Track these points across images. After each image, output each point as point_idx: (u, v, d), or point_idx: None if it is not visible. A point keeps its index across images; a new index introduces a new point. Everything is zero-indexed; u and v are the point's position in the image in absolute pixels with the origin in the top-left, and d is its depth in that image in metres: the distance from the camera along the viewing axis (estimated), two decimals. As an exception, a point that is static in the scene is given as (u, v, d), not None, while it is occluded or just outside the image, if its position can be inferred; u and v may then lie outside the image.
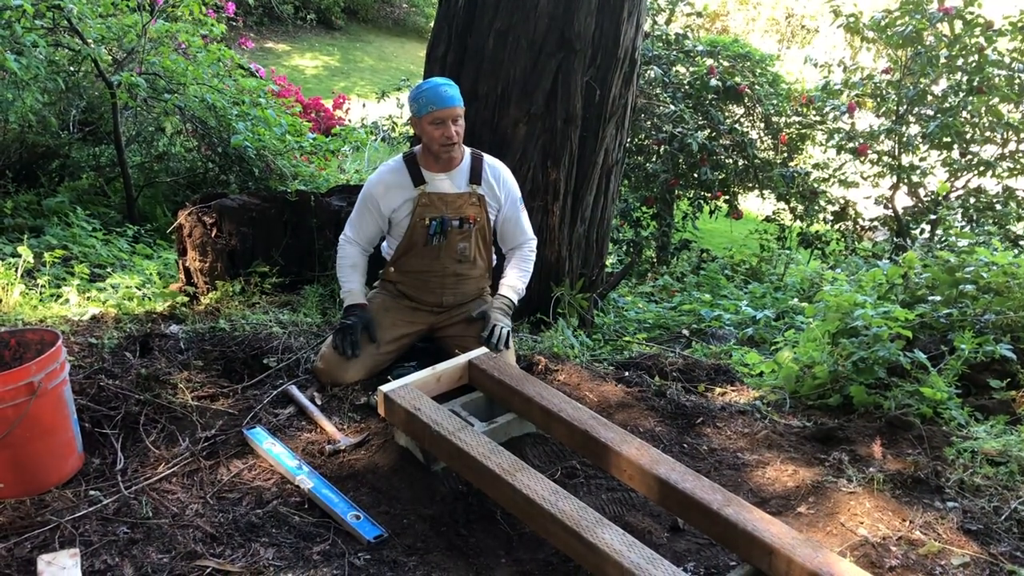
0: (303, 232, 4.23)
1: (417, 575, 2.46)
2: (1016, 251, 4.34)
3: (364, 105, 10.46)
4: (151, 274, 4.67)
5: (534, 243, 3.67)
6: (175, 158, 7.04)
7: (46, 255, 4.51)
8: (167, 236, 5.84)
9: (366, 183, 3.42)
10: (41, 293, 4.17)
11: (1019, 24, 7.13)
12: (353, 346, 3.28)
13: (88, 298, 4.19)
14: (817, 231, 8.65)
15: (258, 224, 4.20)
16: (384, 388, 2.96)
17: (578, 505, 2.43)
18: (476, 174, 3.43)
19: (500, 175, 3.48)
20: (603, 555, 2.25)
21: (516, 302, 3.55)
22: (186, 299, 4.21)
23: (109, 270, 4.86)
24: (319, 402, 3.24)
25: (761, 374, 3.96)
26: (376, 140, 8.66)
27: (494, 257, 3.63)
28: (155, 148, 7.09)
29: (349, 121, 9.78)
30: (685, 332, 5.01)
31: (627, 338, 4.69)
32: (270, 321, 3.78)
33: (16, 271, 4.09)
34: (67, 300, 4.09)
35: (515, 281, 3.57)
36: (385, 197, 3.37)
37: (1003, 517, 2.79)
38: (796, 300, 5.41)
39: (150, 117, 6.83)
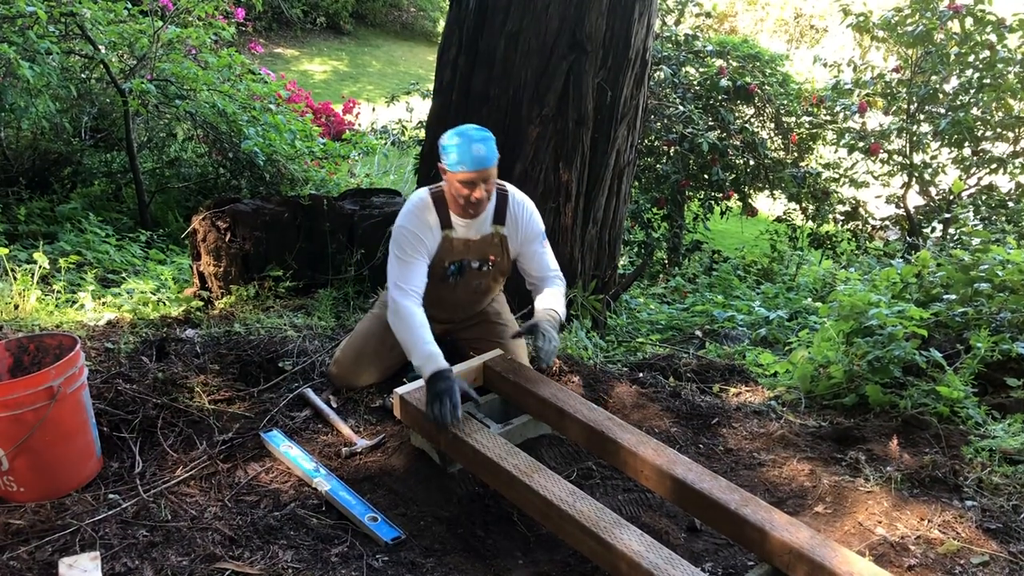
0: (316, 236, 4.24)
1: (435, 576, 2.47)
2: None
3: (374, 109, 10.48)
4: (165, 279, 4.69)
5: (560, 276, 3.36)
6: (186, 164, 7.07)
7: (61, 261, 4.53)
8: (180, 241, 5.87)
9: (403, 225, 3.08)
10: (57, 299, 4.19)
11: (1025, 21, 7.10)
12: (454, 411, 2.76)
13: (103, 303, 4.21)
14: (828, 231, 8.63)
15: (271, 228, 4.22)
16: (400, 390, 2.97)
17: (595, 506, 2.43)
18: (500, 214, 3.21)
19: (524, 212, 3.23)
20: (621, 555, 2.25)
21: (562, 319, 3.24)
22: (201, 303, 4.23)
23: (123, 275, 4.88)
24: (335, 405, 3.25)
25: (775, 374, 3.95)
26: (386, 144, 8.68)
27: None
28: (167, 154, 7.13)
29: (359, 125, 9.81)
30: (698, 333, 5.00)
31: (640, 339, 4.69)
32: (285, 325, 3.79)
33: (32, 277, 4.12)
34: (82, 305, 4.12)
35: (555, 302, 3.24)
36: (427, 236, 3.09)
37: (1022, 516, 2.77)
38: (809, 300, 5.40)
39: (161, 123, 6.87)
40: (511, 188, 3.26)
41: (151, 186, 6.72)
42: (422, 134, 4.55)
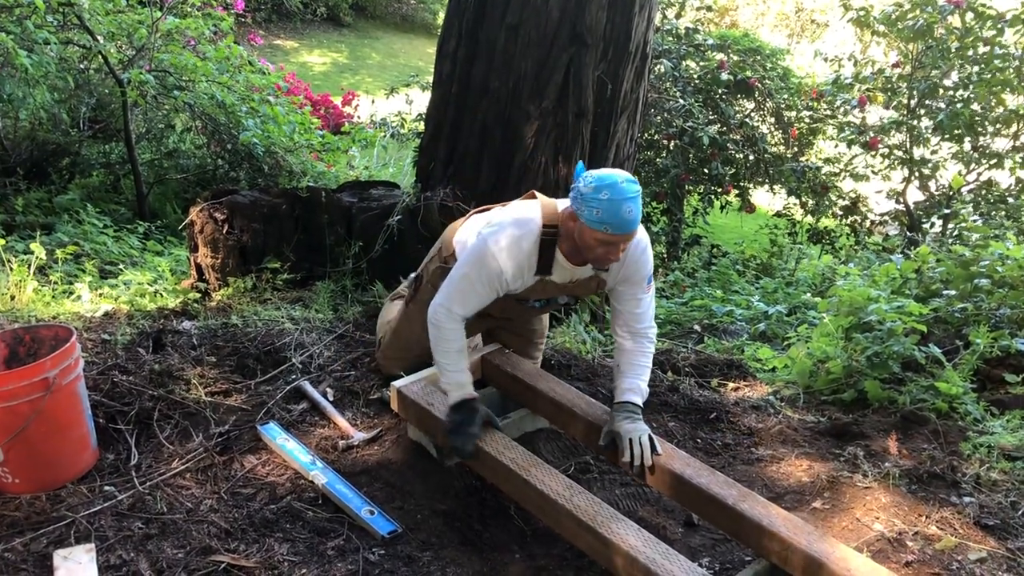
0: (314, 228, 4.22)
1: (432, 570, 2.46)
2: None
3: (373, 101, 10.44)
4: (163, 271, 4.67)
5: (655, 333, 2.88)
6: (185, 155, 7.04)
7: (58, 252, 4.52)
8: (178, 233, 5.85)
9: (494, 256, 2.60)
10: (54, 290, 4.18)
11: (1022, 16, 7.07)
12: (472, 441, 2.65)
13: (100, 295, 4.20)
14: (827, 226, 8.62)
15: (269, 220, 4.20)
16: (397, 384, 2.96)
17: (592, 500, 2.43)
18: None
19: (634, 253, 2.70)
20: (618, 550, 2.25)
21: (642, 404, 2.76)
22: (198, 295, 4.21)
23: (121, 267, 4.86)
24: (332, 398, 3.24)
25: (774, 369, 3.94)
26: (385, 137, 8.65)
27: None
28: (165, 145, 7.10)
29: (358, 118, 9.78)
30: (697, 328, 4.99)
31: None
32: (282, 317, 3.77)
33: (29, 268, 4.10)
34: (79, 297, 4.10)
35: (637, 382, 2.76)
36: (513, 277, 2.66)
37: (1020, 512, 2.77)
38: (808, 295, 5.39)
39: (160, 114, 6.84)
40: (641, 229, 2.69)
41: (149, 177, 6.69)
42: (421, 127, 4.52)
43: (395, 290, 3.67)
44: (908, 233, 7.83)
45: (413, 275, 3.26)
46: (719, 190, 8.46)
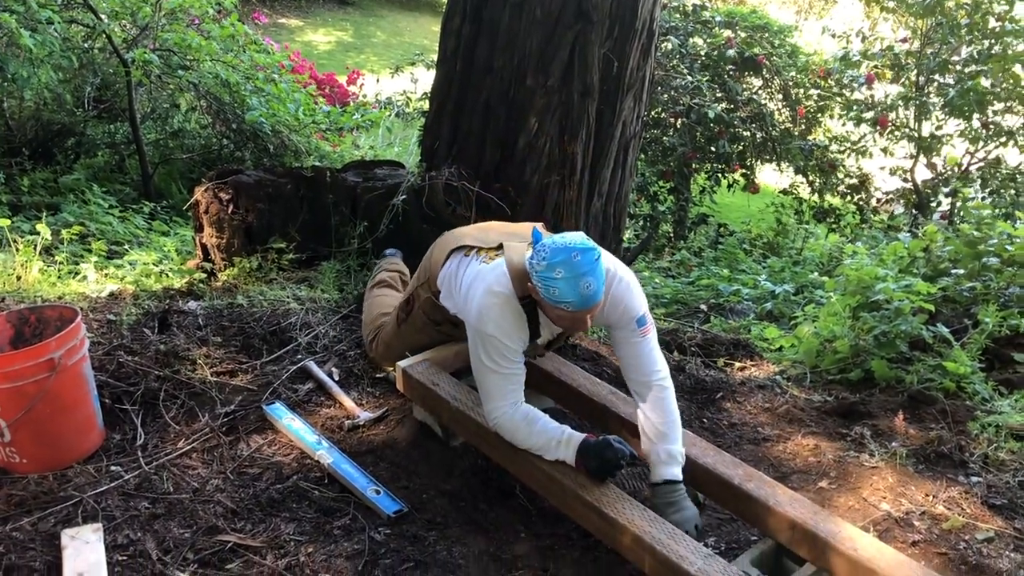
0: (319, 208, 4.20)
1: (437, 549, 2.46)
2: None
3: (378, 80, 10.39)
4: (168, 251, 4.67)
5: (668, 380, 2.60)
6: (190, 135, 7.02)
7: (63, 232, 4.52)
8: (183, 213, 5.84)
9: (495, 336, 2.49)
10: (59, 270, 4.18)
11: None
12: (619, 455, 2.40)
13: (106, 275, 4.20)
14: (832, 205, 8.57)
15: (274, 200, 4.18)
16: (402, 364, 2.95)
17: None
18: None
19: (618, 300, 2.55)
20: (624, 530, 2.24)
21: (681, 473, 2.51)
22: (204, 275, 4.21)
23: (126, 247, 4.86)
24: (337, 378, 3.24)
25: (781, 348, 3.93)
26: (390, 116, 8.61)
27: None
28: (170, 125, 7.08)
29: (364, 96, 9.73)
30: (703, 307, 4.98)
31: (645, 313, 4.66)
32: (288, 297, 3.77)
33: (35, 248, 4.10)
34: (85, 277, 4.10)
35: (668, 447, 2.50)
36: (521, 343, 2.56)
37: (1028, 492, 2.76)
38: (815, 274, 5.36)
39: (164, 94, 6.81)
40: (613, 267, 2.57)
41: (154, 157, 6.68)
42: (426, 105, 4.49)
43: (374, 275, 3.67)
44: (915, 211, 7.78)
45: (402, 299, 3.17)
46: (726, 168, 8.41)
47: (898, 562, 2.12)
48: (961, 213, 5.96)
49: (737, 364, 3.78)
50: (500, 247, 2.71)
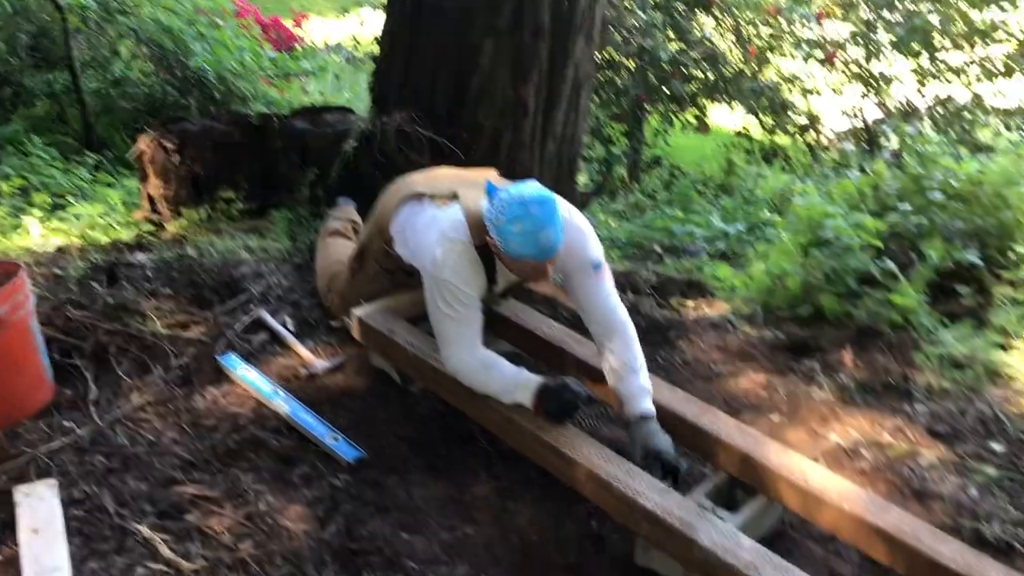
0: (268, 156, 4.12)
1: (398, 494, 2.48)
2: (982, 159, 4.34)
3: (326, 23, 10.15)
4: (114, 203, 4.56)
5: (629, 320, 2.62)
6: (132, 83, 6.81)
7: (4, 185, 4.39)
8: (128, 164, 5.68)
9: (450, 281, 2.48)
10: (1, 225, 4.06)
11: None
12: (576, 396, 2.43)
13: (51, 228, 4.09)
14: (782, 145, 8.62)
15: (221, 148, 4.10)
16: (358, 312, 2.94)
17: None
18: None
19: (574, 246, 2.54)
20: (582, 468, 2.28)
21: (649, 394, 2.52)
22: (151, 227, 4.12)
23: (70, 200, 4.74)
24: (292, 327, 3.22)
25: (733, 287, 3.97)
26: (340, 62, 8.44)
27: None
28: (111, 73, 6.85)
29: (311, 42, 9.51)
30: (657, 248, 5.00)
31: (600, 256, 4.68)
32: (238, 247, 3.72)
33: (-26, 203, 3.99)
34: (29, 231, 4.00)
35: (643, 380, 2.52)
36: (477, 288, 2.56)
37: (969, 418, 2.86)
38: (767, 213, 5.41)
39: (104, 40, 6.59)
40: (566, 206, 2.57)
41: (97, 107, 6.48)
42: (377, 49, 4.40)
43: (326, 224, 3.63)
44: (866, 149, 7.86)
45: (355, 249, 3.14)
46: (679, 110, 8.40)
47: (846, 490, 2.19)
48: (902, 151, 6.04)
49: (691, 304, 3.82)
50: (454, 195, 2.69)
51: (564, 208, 2.50)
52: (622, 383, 2.51)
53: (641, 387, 2.50)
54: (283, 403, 2.74)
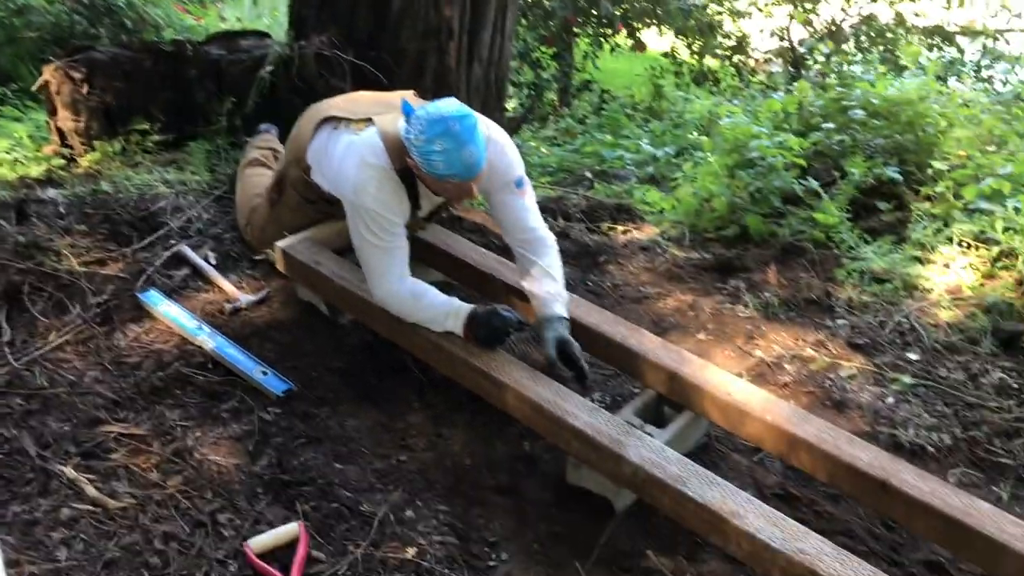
0: (182, 85, 3.96)
1: (330, 424, 2.47)
2: (901, 77, 4.41)
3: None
4: (21, 137, 4.35)
5: (551, 239, 2.63)
6: (37, 12, 6.44)
7: (-101, 122, 4.15)
8: (36, 97, 5.41)
9: (373, 209, 2.42)
10: (-102, 164, 3.85)
11: None
12: (506, 323, 2.43)
13: (-47, 166, 3.90)
14: (711, 67, 8.62)
15: (133, 78, 3.92)
16: (281, 244, 2.88)
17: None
18: None
19: (495, 163, 2.49)
20: (512, 391, 2.30)
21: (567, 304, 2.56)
22: (62, 162, 3.94)
23: (-26, 135, 4.50)
24: (214, 261, 3.14)
25: (662, 211, 4.01)
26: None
27: None
28: (13, 2, 6.47)
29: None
30: (588, 174, 4.99)
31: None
32: (156, 181, 3.58)
33: None
34: (-71, 169, 3.80)
35: (557, 288, 2.55)
36: (401, 214, 2.50)
37: (887, 330, 2.95)
38: (696, 136, 5.44)
39: (3, -34, 6.20)
40: (488, 127, 2.52)
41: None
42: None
43: (245, 154, 3.52)
44: (792, 70, 7.92)
45: (272, 179, 3.05)
46: (609, 32, 8.31)
47: (768, 402, 2.25)
48: (836, 69, 6.10)
49: (620, 228, 3.84)
50: (369, 119, 2.62)
51: (484, 125, 2.44)
52: (539, 285, 2.53)
53: (559, 292, 2.53)
54: (208, 339, 2.68)
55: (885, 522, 2.26)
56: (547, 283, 2.53)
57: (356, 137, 2.55)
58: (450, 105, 2.32)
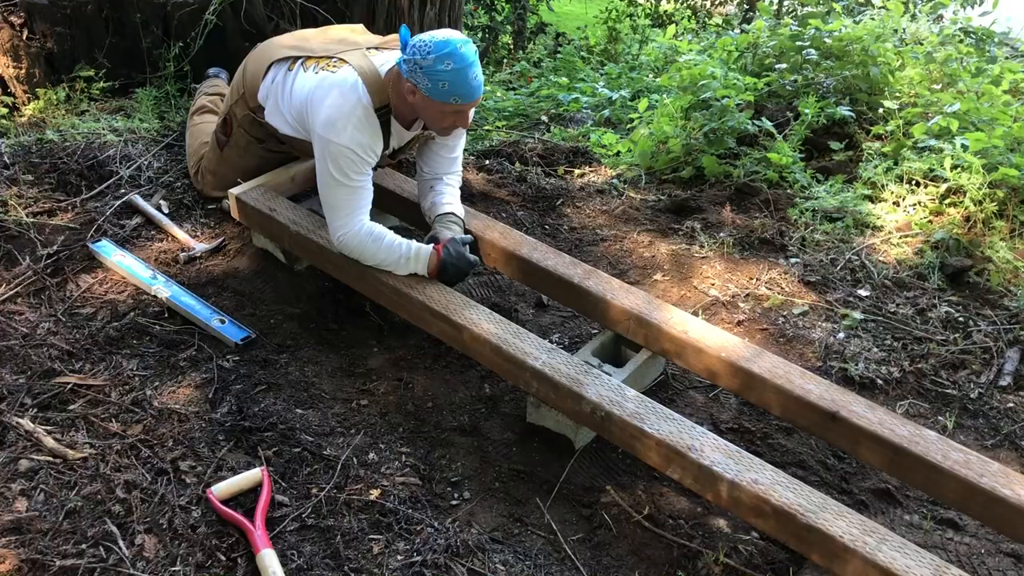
0: (128, 30, 3.84)
1: (290, 370, 2.48)
2: (855, 17, 4.44)
3: None
4: (-41, 86, 4.21)
5: (459, 173, 2.82)
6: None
7: None
8: (-28, 44, 5.23)
9: (346, 146, 2.40)
10: None
11: None
12: (468, 263, 2.52)
13: None
14: (666, 10, 8.58)
15: (75, 23, 3.79)
16: (235, 191, 2.84)
17: (445, 290, 2.47)
18: None
19: None
20: (471, 333, 2.31)
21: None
22: (5, 111, 3.83)
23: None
24: (167, 210, 3.09)
25: (618, 153, 4.01)
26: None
27: None
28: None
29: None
30: (544, 118, 4.97)
31: (487, 127, 4.62)
32: (103, 129, 3.50)
33: None
34: None
35: (454, 199, 2.73)
36: (374, 154, 2.50)
37: (838, 267, 3.01)
38: (652, 78, 5.42)
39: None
40: None
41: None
42: None
43: (195, 100, 3.45)
44: (747, 9, 7.91)
45: (218, 121, 3.02)
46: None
47: (723, 339, 2.29)
48: (792, 9, 6.10)
49: (577, 171, 3.84)
50: (333, 57, 2.58)
51: None
52: (437, 196, 2.70)
53: (455, 196, 2.72)
54: (163, 288, 2.66)
55: (836, 453, 2.33)
56: (446, 189, 2.72)
57: (330, 75, 2.52)
58: (452, 32, 2.36)
